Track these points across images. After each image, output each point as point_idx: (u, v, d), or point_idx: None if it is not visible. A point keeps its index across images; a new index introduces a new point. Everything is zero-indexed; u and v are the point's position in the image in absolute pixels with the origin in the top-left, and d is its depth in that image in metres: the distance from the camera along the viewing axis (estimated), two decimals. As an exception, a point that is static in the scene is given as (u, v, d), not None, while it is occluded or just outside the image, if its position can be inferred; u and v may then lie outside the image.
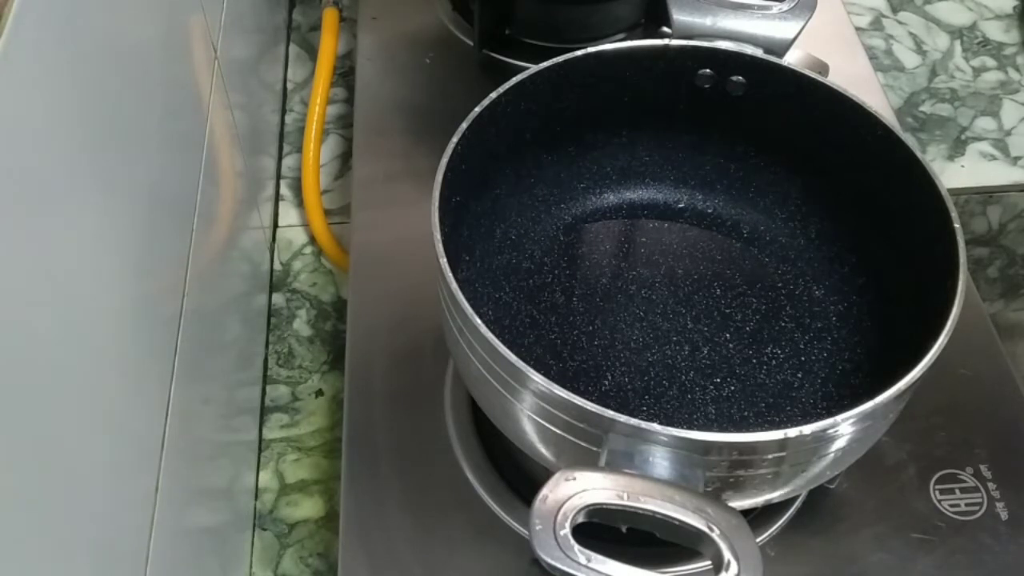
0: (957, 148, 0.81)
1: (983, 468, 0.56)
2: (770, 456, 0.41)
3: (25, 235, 0.34)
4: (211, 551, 0.55)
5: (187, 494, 0.50)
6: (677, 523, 0.38)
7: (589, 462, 0.41)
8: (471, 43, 0.76)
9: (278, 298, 0.75)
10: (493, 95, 0.51)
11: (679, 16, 0.54)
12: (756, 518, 0.53)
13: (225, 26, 0.64)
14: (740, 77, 0.55)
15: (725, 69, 0.55)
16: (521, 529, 0.53)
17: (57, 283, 0.36)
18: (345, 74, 0.86)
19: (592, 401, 0.40)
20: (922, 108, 0.84)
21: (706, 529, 0.38)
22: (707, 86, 0.55)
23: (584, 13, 0.76)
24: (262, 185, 0.76)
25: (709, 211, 0.61)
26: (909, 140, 0.50)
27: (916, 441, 0.57)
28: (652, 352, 0.54)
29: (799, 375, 0.54)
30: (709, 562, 0.38)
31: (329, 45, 0.84)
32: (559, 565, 0.36)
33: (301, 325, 0.74)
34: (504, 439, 0.48)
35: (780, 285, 0.57)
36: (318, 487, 0.66)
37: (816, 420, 0.40)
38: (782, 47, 0.54)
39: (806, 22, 0.53)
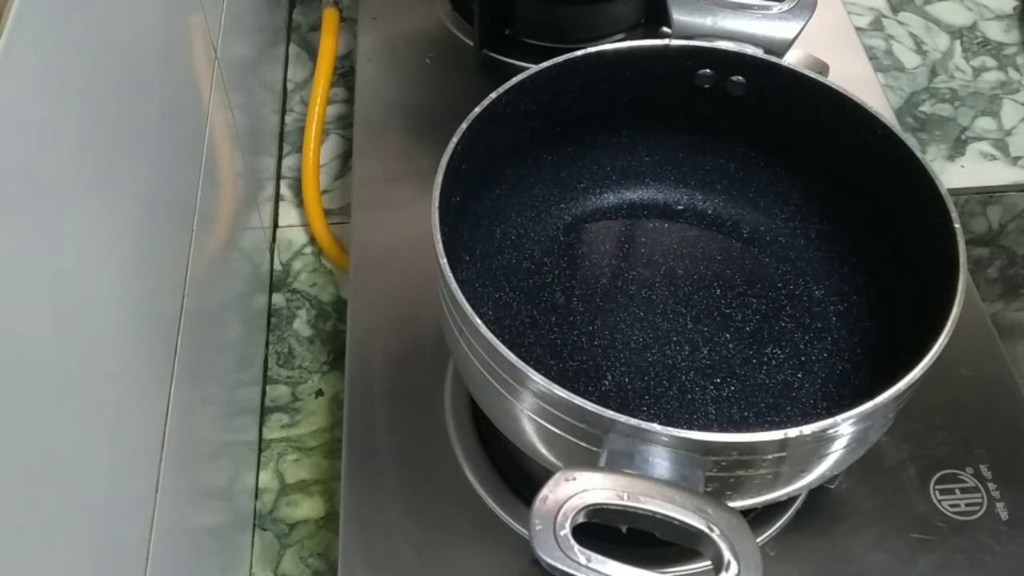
0: (957, 148, 0.81)
1: (983, 468, 0.56)
2: (770, 456, 0.41)
3: (25, 235, 0.34)
4: (211, 551, 0.55)
5: (187, 494, 0.50)
6: (677, 523, 0.38)
7: (589, 462, 0.41)
8: (471, 43, 0.76)
9: (278, 298, 0.75)
10: (493, 95, 0.51)
11: (679, 16, 0.54)
12: (756, 518, 0.53)
13: (225, 26, 0.64)
14: (740, 77, 0.55)
15: (725, 69, 0.54)
16: (521, 529, 0.53)
17: (57, 283, 0.36)
18: (345, 74, 0.86)
19: (592, 401, 0.40)
20: (922, 108, 0.84)
21: (706, 529, 0.38)
22: (707, 86, 0.55)
23: (584, 13, 0.76)
24: (262, 185, 0.76)
25: (709, 211, 0.61)
26: (909, 140, 0.50)
27: (916, 441, 0.57)
28: (652, 352, 0.54)
29: (799, 375, 0.54)
30: (709, 562, 0.38)
31: (329, 45, 0.84)
32: (559, 565, 0.36)
33: (301, 325, 0.74)
34: (504, 439, 0.48)
35: (780, 285, 0.57)
36: (318, 487, 0.66)
37: (816, 420, 0.40)
38: (782, 47, 0.54)
39: (806, 22, 0.53)
